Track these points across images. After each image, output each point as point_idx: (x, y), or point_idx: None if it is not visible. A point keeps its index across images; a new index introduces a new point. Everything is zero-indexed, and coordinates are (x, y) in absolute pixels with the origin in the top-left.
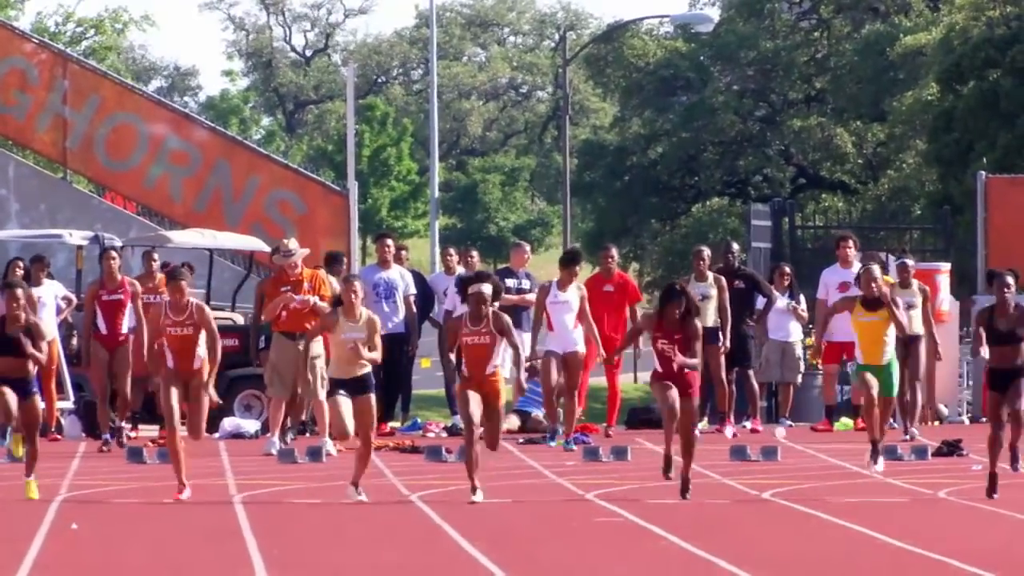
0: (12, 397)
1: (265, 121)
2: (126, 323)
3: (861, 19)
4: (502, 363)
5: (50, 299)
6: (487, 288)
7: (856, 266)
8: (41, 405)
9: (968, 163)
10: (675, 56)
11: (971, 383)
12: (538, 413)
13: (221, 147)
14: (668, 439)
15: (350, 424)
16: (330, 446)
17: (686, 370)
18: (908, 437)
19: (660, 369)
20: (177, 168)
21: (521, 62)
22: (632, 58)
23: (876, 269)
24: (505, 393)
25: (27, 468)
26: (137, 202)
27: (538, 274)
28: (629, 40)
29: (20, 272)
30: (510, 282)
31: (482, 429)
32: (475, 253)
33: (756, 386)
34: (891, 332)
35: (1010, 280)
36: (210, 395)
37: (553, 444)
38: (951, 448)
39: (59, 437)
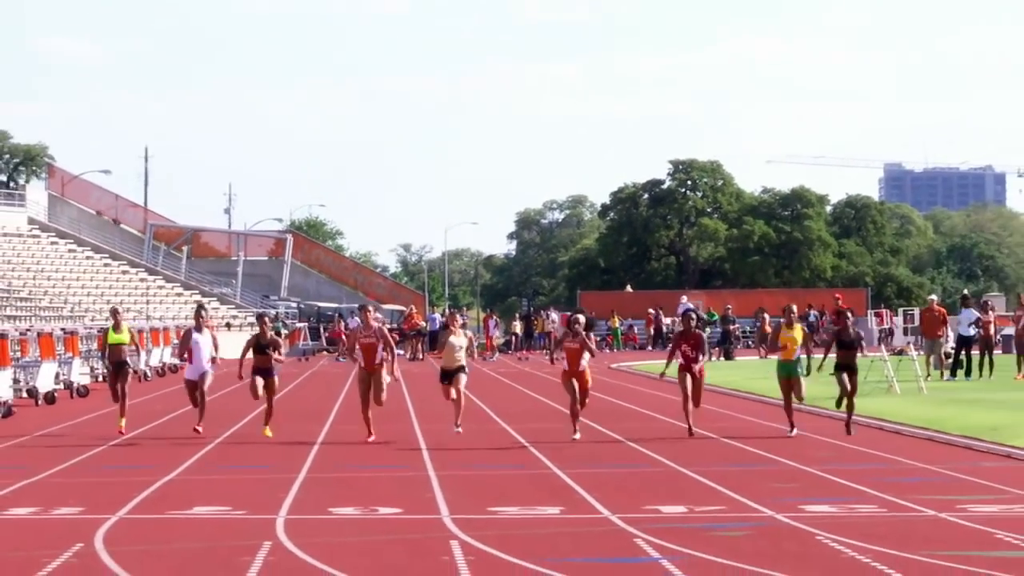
0: (260, 382)
1: (407, 281)
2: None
3: (567, 244)
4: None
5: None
6: (582, 316)
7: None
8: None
9: (591, 287)
10: (504, 263)
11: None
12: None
13: (396, 287)
14: (685, 410)
15: (450, 395)
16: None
17: (697, 361)
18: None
19: (683, 362)
20: (381, 286)
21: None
22: (493, 268)
23: (794, 306)
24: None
25: (267, 416)
26: (377, 299)
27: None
28: (489, 262)
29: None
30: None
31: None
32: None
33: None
34: (799, 343)
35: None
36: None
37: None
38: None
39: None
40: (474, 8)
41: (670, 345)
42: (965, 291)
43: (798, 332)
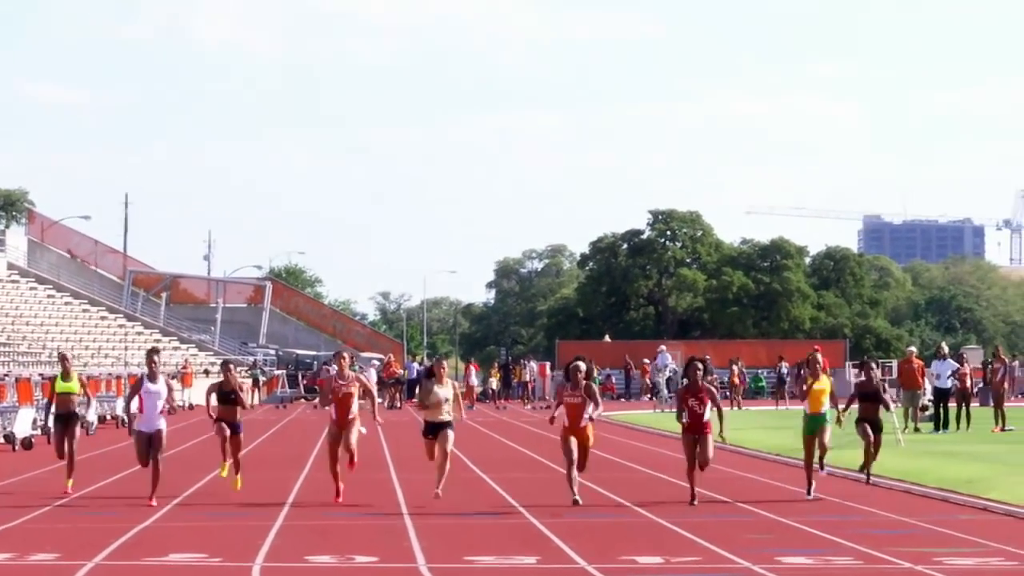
0: (227, 431)
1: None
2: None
3: (546, 293)
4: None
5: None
6: (582, 364)
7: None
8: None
9: (569, 336)
10: (483, 312)
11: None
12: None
13: (375, 335)
14: (690, 477)
15: (434, 454)
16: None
17: (703, 419)
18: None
19: (688, 421)
20: (360, 334)
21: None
22: (471, 316)
23: (819, 355)
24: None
25: (235, 469)
26: (355, 347)
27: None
28: (468, 311)
29: (323, 364)
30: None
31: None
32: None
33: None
34: (827, 393)
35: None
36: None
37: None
38: None
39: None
40: (455, 58)
41: (677, 400)
42: (942, 343)
43: (826, 383)
